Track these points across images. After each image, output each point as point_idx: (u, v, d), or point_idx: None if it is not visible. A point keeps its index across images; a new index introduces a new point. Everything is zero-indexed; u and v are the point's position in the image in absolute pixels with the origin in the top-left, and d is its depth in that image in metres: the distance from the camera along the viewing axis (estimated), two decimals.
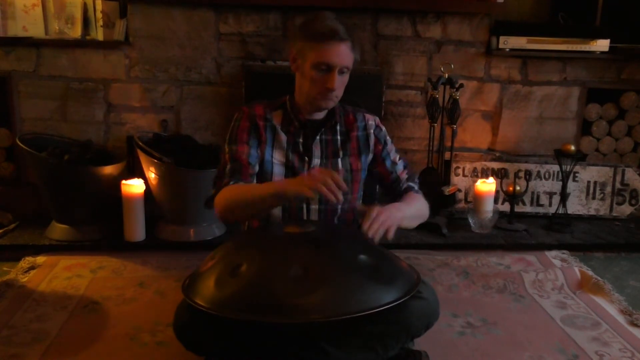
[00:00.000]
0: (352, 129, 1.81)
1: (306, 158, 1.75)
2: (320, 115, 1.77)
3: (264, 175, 1.75)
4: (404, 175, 1.86)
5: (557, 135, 3.15)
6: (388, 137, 1.87)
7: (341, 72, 1.65)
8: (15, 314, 2.01)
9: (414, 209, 1.73)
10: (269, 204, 1.59)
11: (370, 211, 1.51)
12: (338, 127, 1.79)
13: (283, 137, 1.75)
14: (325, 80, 1.64)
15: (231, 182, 1.64)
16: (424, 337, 1.64)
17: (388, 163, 1.85)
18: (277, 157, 1.75)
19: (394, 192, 1.86)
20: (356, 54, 1.68)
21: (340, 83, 1.67)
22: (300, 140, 1.76)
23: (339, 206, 1.76)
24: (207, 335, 1.45)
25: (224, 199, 1.62)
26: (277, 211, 1.76)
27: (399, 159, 1.87)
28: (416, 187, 1.85)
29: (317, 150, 1.76)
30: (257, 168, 1.72)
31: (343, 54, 1.62)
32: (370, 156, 1.83)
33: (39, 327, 1.93)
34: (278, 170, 1.74)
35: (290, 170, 1.74)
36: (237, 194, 1.61)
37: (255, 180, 1.71)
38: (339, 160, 1.77)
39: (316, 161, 1.75)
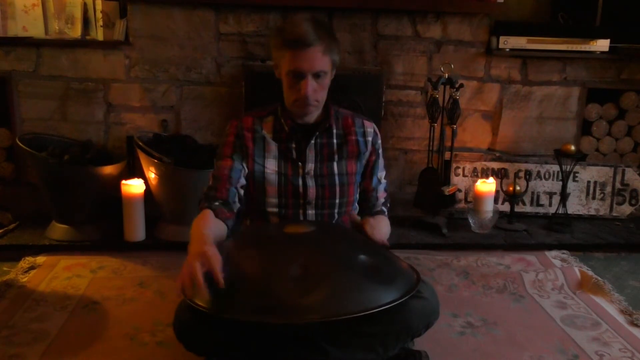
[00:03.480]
0: (350, 132, 1.79)
1: (299, 164, 1.74)
2: (312, 118, 1.75)
3: (258, 187, 1.74)
4: (382, 198, 1.86)
5: (557, 135, 3.14)
6: (381, 150, 1.86)
7: (317, 76, 1.62)
8: (15, 314, 2.01)
9: (384, 232, 1.75)
10: None
11: (366, 222, 1.65)
12: (334, 130, 1.77)
13: (273, 146, 1.74)
14: (300, 87, 1.62)
15: (205, 205, 1.64)
16: (424, 337, 1.64)
17: (374, 180, 1.84)
18: (270, 167, 1.74)
19: (366, 208, 1.85)
20: (333, 54, 1.64)
21: (317, 87, 1.64)
22: (293, 145, 1.74)
23: (335, 211, 1.76)
24: (207, 336, 1.46)
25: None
26: (275, 218, 1.75)
27: (384, 178, 1.87)
28: (386, 212, 1.86)
29: (311, 155, 1.74)
30: (242, 181, 1.72)
31: (312, 60, 1.59)
32: (364, 163, 1.82)
33: (39, 327, 1.93)
34: (271, 180, 1.73)
35: (284, 178, 1.73)
36: (192, 229, 1.56)
37: (236, 194, 1.69)
38: (334, 163, 1.76)
39: (310, 165, 1.74)
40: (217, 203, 1.65)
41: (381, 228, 1.69)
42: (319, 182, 1.74)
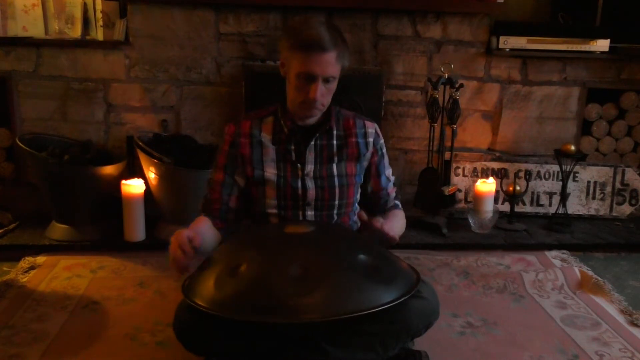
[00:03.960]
0: (351, 134, 1.78)
1: (299, 165, 1.73)
2: (313, 120, 1.74)
3: (258, 190, 1.75)
4: (393, 193, 1.89)
5: (557, 135, 3.15)
6: (384, 148, 1.86)
7: (326, 80, 1.63)
8: (15, 314, 2.02)
9: (400, 226, 1.81)
10: None
11: (375, 220, 1.61)
12: (335, 132, 1.77)
13: (271, 150, 1.74)
14: (308, 90, 1.62)
15: (202, 214, 1.77)
16: (424, 337, 1.64)
17: (383, 179, 1.85)
18: (269, 170, 1.73)
19: (377, 207, 1.86)
20: (344, 61, 1.66)
21: (325, 91, 1.64)
22: (292, 147, 1.74)
23: (335, 212, 1.76)
24: (207, 336, 1.46)
25: None
26: (275, 219, 1.75)
27: (391, 175, 1.89)
28: (400, 205, 1.91)
29: (310, 156, 1.74)
30: (234, 193, 1.77)
31: (326, 65, 1.59)
32: (366, 164, 1.82)
33: (39, 327, 1.93)
34: (271, 182, 1.73)
35: (283, 180, 1.73)
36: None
37: (227, 210, 1.77)
38: (334, 165, 1.76)
39: (309, 167, 1.74)
40: (210, 216, 1.76)
41: (392, 222, 1.71)
42: (319, 183, 1.74)
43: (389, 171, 1.87)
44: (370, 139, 1.81)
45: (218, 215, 1.76)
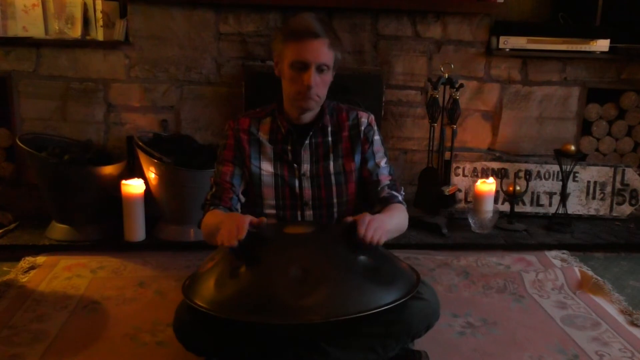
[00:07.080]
0: (343, 128, 1.77)
1: (295, 165, 1.73)
2: (308, 118, 1.73)
3: (255, 189, 1.75)
4: (386, 181, 1.77)
5: (557, 135, 3.15)
6: (377, 137, 1.80)
7: (320, 70, 1.62)
8: (15, 314, 2.02)
9: (395, 222, 1.65)
10: None
11: (362, 218, 1.47)
12: (329, 128, 1.76)
13: (269, 149, 1.74)
14: (303, 79, 1.61)
15: (211, 208, 1.69)
16: (424, 337, 1.65)
17: (371, 164, 1.77)
18: (266, 169, 1.74)
19: (371, 196, 1.77)
20: (337, 51, 1.65)
21: (320, 81, 1.63)
22: (289, 147, 1.74)
23: (335, 210, 1.76)
24: (207, 336, 1.46)
25: (203, 225, 1.68)
26: (273, 219, 1.74)
27: (385, 163, 1.79)
28: (400, 197, 1.76)
29: (306, 155, 1.74)
30: (242, 186, 1.76)
31: (318, 51, 1.59)
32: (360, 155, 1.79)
33: (39, 327, 1.93)
34: (268, 182, 1.74)
35: (280, 180, 1.73)
36: (209, 222, 1.65)
37: (237, 199, 1.73)
38: (330, 163, 1.75)
39: (306, 166, 1.73)
40: (221, 207, 1.70)
41: (380, 223, 1.49)
42: (315, 182, 1.74)
43: (380, 159, 1.79)
44: (362, 128, 1.77)
45: (230, 206, 1.70)
